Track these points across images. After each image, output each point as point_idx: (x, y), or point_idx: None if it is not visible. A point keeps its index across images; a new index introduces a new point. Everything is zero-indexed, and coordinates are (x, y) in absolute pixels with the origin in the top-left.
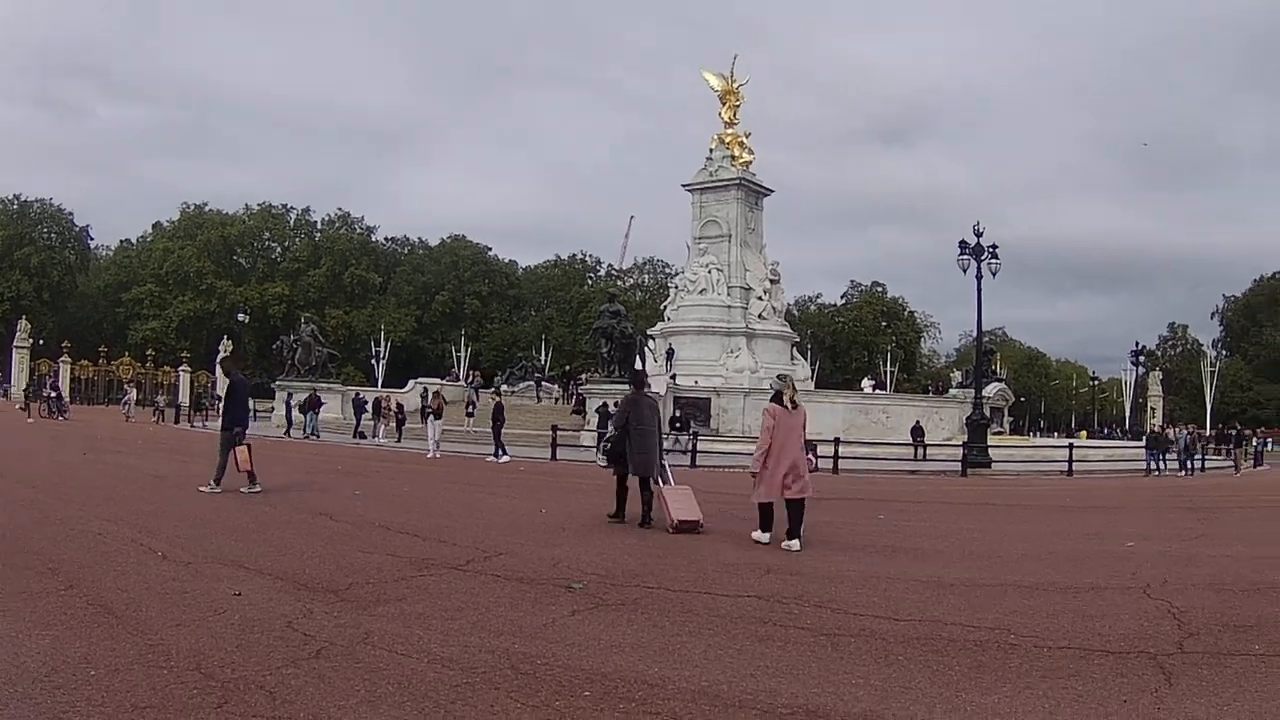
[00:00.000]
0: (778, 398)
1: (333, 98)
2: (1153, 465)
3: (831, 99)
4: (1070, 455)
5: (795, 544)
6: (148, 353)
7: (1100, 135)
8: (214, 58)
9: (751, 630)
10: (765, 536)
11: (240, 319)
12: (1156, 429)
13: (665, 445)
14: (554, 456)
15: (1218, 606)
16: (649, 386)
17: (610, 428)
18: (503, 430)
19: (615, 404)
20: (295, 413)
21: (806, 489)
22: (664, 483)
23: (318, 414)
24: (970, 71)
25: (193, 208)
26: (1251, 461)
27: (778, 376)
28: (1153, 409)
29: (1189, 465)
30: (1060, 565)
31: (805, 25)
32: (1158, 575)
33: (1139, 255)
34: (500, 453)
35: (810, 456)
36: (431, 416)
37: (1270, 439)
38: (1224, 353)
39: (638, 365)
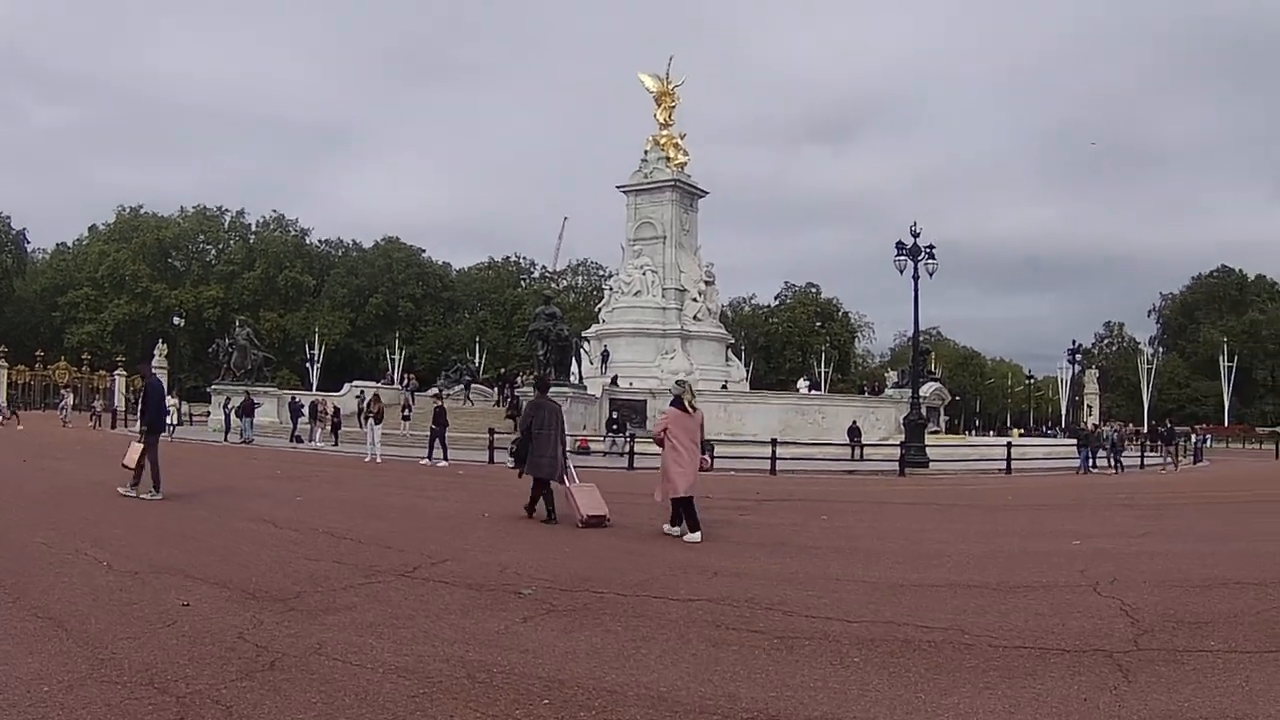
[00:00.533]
0: (678, 401)
1: (268, 97)
2: (1086, 463)
3: (770, 97)
4: (1009, 454)
5: (676, 530)
6: (84, 357)
7: (1040, 133)
8: (148, 57)
9: (705, 634)
10: (697, 536)
11: (176, 322)
12: (1088, 426)
13: (604, 447)
14: (491, 460)
15: (1170, 603)
16: (588, 389)
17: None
18: (446, 434)
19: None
20: (232, 417)
21: (697, 488)
22: (569, 481)
23: (253, 419)
24: (909, 69)
25: (128, 210)
26: (1191, 458)
27: (676, 382)
28: (1090, 406)
29: (1117, 462)
30: (1008, 564)
31: (744, 23)
32: (1106, 573)
33: (1076, 253)
34: (432, 456)
35: (706, 457)
36: (371, 420)
37: (1209, 435)
38: (1161, 350)
39: (573, 368)
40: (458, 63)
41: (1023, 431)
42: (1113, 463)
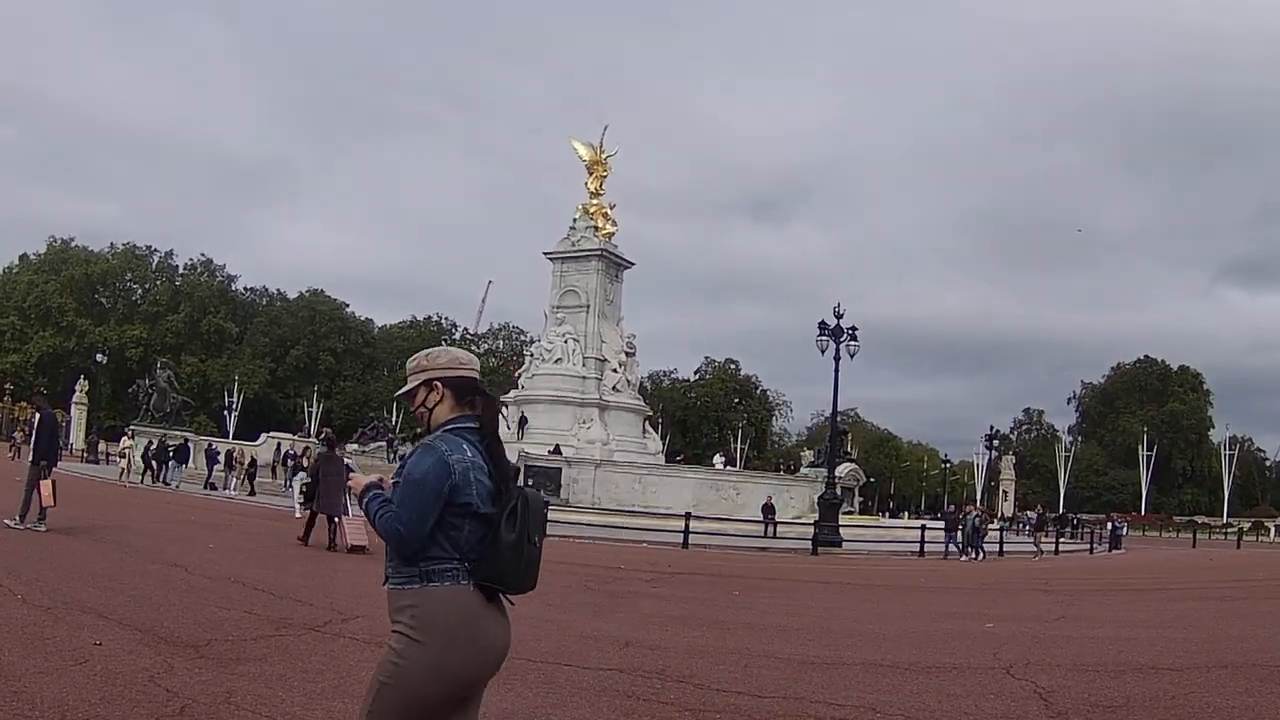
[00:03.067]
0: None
1: (203, 137)
2: (951, 548)
3: (702, 170)
4: (923, 536)
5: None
6: (6, 386)
7: (968, 215)
8: (85, 86)
9: (617, 704)
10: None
11: (99, 359)
12: (952, 510)
13: None
14: None
15: (1083, 687)
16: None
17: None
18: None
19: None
20: (150, 459)
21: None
22: (344, 515)
23: (181, 467)
24: (840, 148)
25: (59, 242)
26: (1107, 545)
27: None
28: (1005, 492)
29: (976, 548)
30: (921, 645)
31: (681, 95)
32: (1020, 656)
33: (998, 338)
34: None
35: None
36: (304, 474)
37: (1126, 523)
38: (1079, 438)
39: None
40: (388, 116)
41: (908, 514)
42: (973, 548)
